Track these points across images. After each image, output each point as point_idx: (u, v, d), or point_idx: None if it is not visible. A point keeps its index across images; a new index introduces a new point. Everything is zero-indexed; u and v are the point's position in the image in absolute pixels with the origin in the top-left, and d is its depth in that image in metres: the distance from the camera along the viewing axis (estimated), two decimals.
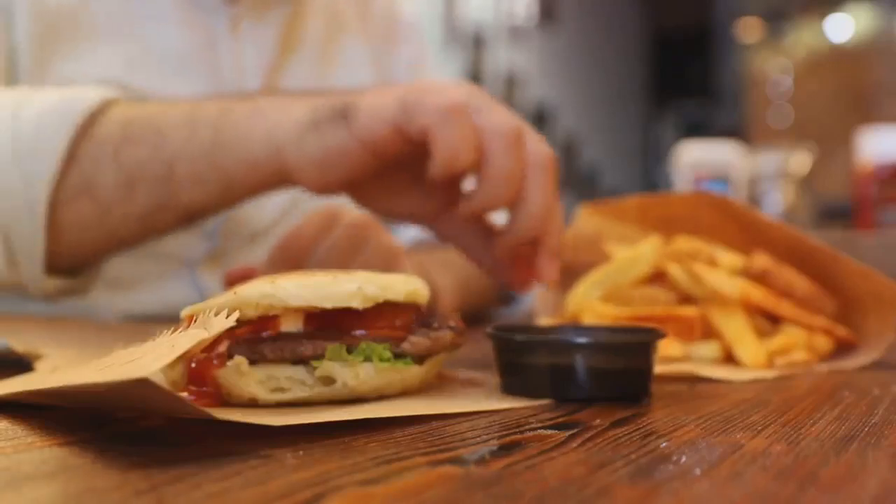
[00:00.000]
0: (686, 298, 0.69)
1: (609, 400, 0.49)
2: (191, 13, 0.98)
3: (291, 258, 0.79)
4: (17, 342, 0.56)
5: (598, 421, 0.43)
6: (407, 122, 0.60)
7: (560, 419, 0.44)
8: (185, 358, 0.44)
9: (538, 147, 0.62)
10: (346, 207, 0.84)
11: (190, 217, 0.73)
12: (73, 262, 0.75)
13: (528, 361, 0.51)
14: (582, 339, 0.51)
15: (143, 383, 0.33)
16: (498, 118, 0.60)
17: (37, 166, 0.68)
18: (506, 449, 0.37)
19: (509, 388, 0.52)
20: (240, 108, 0.69)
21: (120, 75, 0.93)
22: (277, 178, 0.68)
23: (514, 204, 0.62)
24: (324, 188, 0.66)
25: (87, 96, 0.72)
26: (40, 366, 0.53)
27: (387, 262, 0.82)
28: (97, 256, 0.76)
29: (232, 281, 0.67)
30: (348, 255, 0.81)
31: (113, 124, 0.71)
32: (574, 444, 0.38)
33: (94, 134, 0.70)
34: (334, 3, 1.15)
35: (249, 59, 1.02)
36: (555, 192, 0.62)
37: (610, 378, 0.50)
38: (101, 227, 0.71)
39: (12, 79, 0.89)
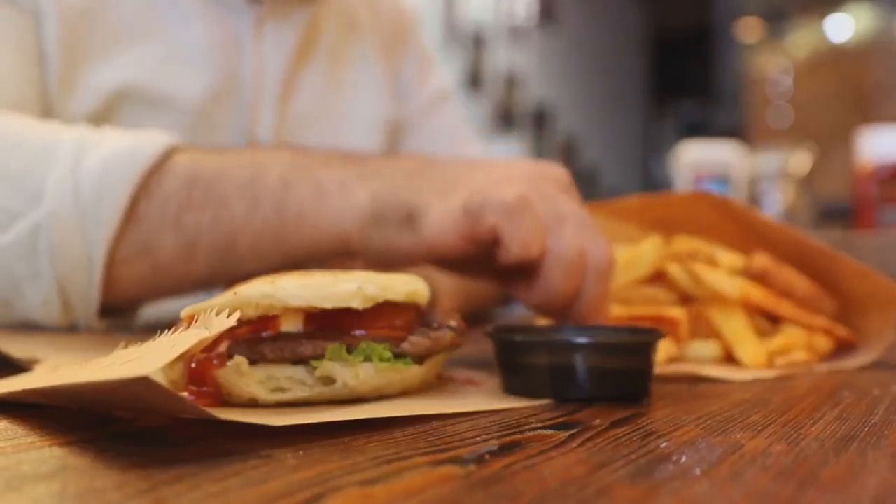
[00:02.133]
0: (686, 298, 0.69)
1: (609, 400, 0.49)
2: (216, 13, 0.98)
3: None
4: (14, 349, 0.56)
5: (598, 421, 0.43)
6: (475, 229, 0.61)
7: (560, 419, 0.44)
8: (185, 358, 0.44)
9: (599, 252, 0.62)
10: None
11: (245, 279, 0.73)
12: (125, 307, 0.75)
13: (528, 361, 0.51)
14: (582, 339, 0.51)
15: (143, 382, 0.33)
16: (563, 241, 0.61)
17: (97, 225, 0.67)
18: (506, 449, 0.37)
19: (509, 388, 0.52)
20: (303, 185, 0.69)
21: (143, 77, 0.93)
22: (341, 255, 0.70)
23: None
24: (383, 270, 0.69)
25: (148, 147, 0.69)
26: (39, 367, 0.53)
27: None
28: (149, 304, 0.76)
29: (233, 283, 0.67)
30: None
31: (175, 183, 0.69)
32: (574, 444, 0.38)
33: (155, 192, 0.68)
34: (348, 3, 1.15)
35: (270, 60, 1.02)
36: (607, 293, 0.63)
37: (610, 378, 0.50)
38: (157, 286, 0.71)
39: (44, 81, 0.89)
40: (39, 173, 0.67)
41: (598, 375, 0.49)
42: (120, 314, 0.75)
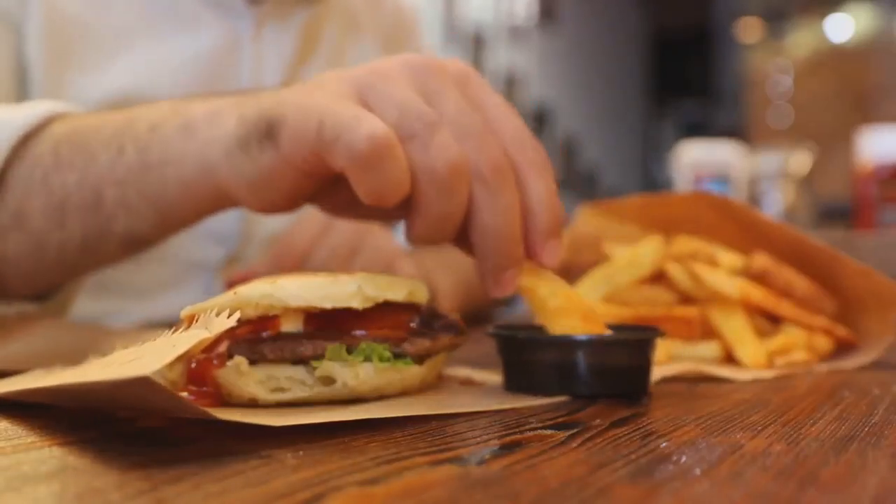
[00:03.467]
0: (686, 298, 0.69)
1: (611, 396, 0.49)
2: (215, 17, 0.97)
3: (290, 264, 0.80)
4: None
5: (598, 421, 0.43)
6: (326, 155, 0.51)
7: (560, 419, 0.44)
8: (184, 358, 0.44)
9: (483, 158, 0.51)
10: None
11: (133, 245, 0.68)
12: (27, 289, 0.71)
13: (531, 359, 0.51)
14: (584, 337, 0.51)
15: (142, 382, 0.33)
16: (433, 153, 0.50)
17: None
18: (506, 449, 0.37)
19: (512, 386, 0.52)
20: (170, 123, 0.63)
21: (136, 85, 0.92)
22: (216, 200, 0.62)
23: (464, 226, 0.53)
24: (267, 209, 0.59)
25: (26, 115, 0.67)
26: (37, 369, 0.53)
27: (385, 264, 0.82)
28: (51, 284, 0.72)
29: (233, 284, 0.67)
30: (346, 259, 0.81)
31: (45, 146, 0.66)
32: (574, 444, 0.38)
33: (26, 157, 0.66)
34: (348, 3, 1.15)
35: (269, 63, 1.01)
36: (513, 195, 0.52)
37: (612, 375, 0.50)
38: (40, 258, 0.68)
39: (23, 94, 0.88)
40: None
41: (600, 372, 0.50)
42: (34, 298, 0.72)
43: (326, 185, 0.57)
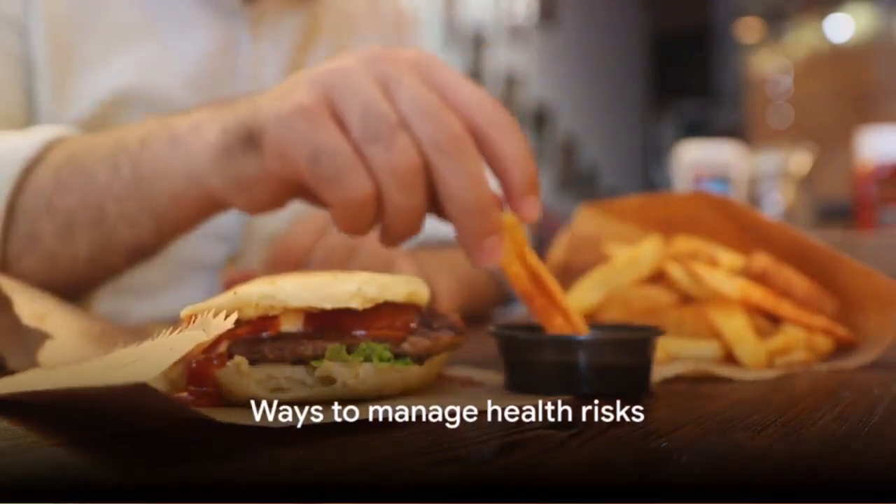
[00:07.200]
0: (686, 298, 0.69)
1: (611, 395, 0.49)
2: (212, 16, 0.98)
3: (289, 264, 0.80)
4: (24, 302, 0.57)
5: (598, 421, 0.43)
6: (315, 187, 0.55)
7: (560, 419, 0.44)
8: (184, 358, 0.44)
9: (444, 127, 0.53)
10: None
11: (137, 254, 0.72)
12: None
13: (532, 359, 0.51)
14: (584, 337, 0.51)
15: (140, 388, 0.33)
16: (394, 155, 0.53)
17: None
18: (506, 449, 0.37)
19: (514, 386, 0.52)
20: (159, 137, 0.67)
21: (138, 81, 0.93)
22: (208, 205, 0.67)
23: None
24: (256, 209, 0.63)
25: (23, 146, 0.71)
26: (42, 354, 0.53)
27: (384, 265, 0.82)
28: (63, 295, 0.75)
29: (231, 284, 0.67)
30: (345, 259, 0.81)
31: (47, 173, 0.71)
32: (574, 444, 0.38)
33: (29, 187, 0.71)
34: (347, 3, 1.15)
35: (268, 62, 1.02)
36: (475, 163, 0.54)
37: (612, 374, 0.50)
38: (51, 274, 0.72)
39: (32, 92, 0.90)
40: None
41: (601, 371, 0.50)
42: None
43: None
